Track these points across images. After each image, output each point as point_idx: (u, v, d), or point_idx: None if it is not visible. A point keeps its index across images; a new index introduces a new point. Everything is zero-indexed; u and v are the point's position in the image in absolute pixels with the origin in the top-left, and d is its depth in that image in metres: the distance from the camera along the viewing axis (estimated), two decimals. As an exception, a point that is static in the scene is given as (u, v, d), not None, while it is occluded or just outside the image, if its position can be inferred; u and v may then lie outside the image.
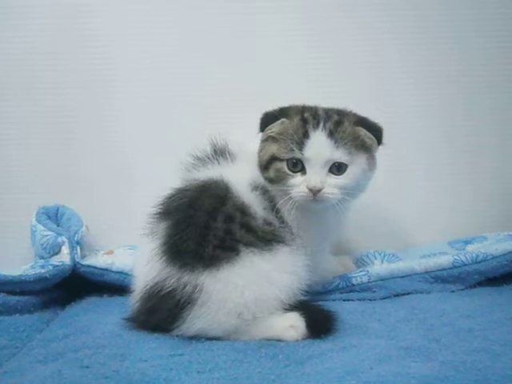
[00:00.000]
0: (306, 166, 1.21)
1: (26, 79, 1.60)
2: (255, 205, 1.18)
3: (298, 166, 1.21)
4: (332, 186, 1.20)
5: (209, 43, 1.61)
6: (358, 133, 1.23)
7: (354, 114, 1.27)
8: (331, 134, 1.20)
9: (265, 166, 1.24)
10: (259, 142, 1.28)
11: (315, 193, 1.19)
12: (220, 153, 1.25)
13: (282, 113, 1.25)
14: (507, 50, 1.65)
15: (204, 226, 1.13)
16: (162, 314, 1.12)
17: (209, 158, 1.24)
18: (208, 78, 1.61)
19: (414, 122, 1.65)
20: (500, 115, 1.66)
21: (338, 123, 1.22)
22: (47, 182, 1.61)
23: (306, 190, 1.19)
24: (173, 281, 1.11)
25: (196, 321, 1.10)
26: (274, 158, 1.23)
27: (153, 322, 1.14)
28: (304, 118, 1.23)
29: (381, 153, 1.54)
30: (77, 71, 1.60)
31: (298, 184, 1.21)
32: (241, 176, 1.21)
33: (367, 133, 1.24)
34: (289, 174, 1.21)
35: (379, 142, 1.26)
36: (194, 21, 1.61)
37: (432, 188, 1.67)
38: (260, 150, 1.27)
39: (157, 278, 1.13)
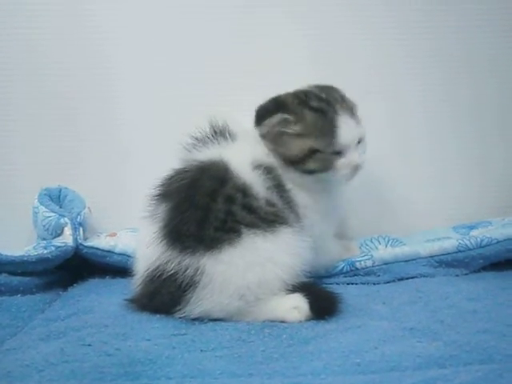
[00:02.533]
0: (344, 150, 1.24)
1: (28, 60, 1.59)
2: (257, 185, 1.16)
3: (335, 152, 1.24)
4: (361, 155, 1.26)
5: (210, 24, 1.59)
6: (351, 101, 1.28)
7: (332, 87, 1.30)
8: (351, 114, 1.25)
9: (301, 159, 1.23)
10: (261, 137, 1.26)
11: (358, 169, 1.25)
12: (220, 133, 1.24)
13: (278, 105, 1.25)
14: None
15: (204, 207, 1.12)
16: (163, 297, 1.12)
17: (209, 138, 1.23)
18: (208, 60, 1.60)
19: (419, 105, 1.64)
20: (507, 100, 1.64)
21: (344, 99, 1.27)
22: (50, 164, 1.59)
23: (349, 170, 1.24)
24: (174, 264, 1.10)
25: (198, 303, 1.09)
26: (314, 151, 1.23)
27: (155, 305, 1.13)
28: (318, 108, 1.24)
29: (387, 137, 1.55)
30: (79, 52, 1.58)
31: (341, 167, 1.24)
32: (241, 155, 1.20)
33: (350, 98, 1.29)
34: (332, 161, 1.24)
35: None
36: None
37: (436, 173, 1.66)
38: (280, 146, 1.24)
39: (158, 262, 1.12)
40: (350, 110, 1.25)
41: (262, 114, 1.25)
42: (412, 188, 1.65)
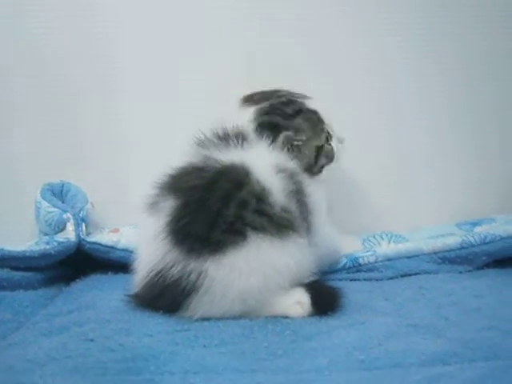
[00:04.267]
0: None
1: (30, 55, 1.58)
2: (277, 190, 1.13)
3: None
4: None
5: (212, 19, 1.60)
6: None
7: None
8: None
9: (315, 161, 1.30)
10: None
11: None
12: (243, 134, 1.21)
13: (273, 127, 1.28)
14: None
15: (216, 212, 1.08)
16: (166, 301, 1.10)
17: (231, 139, 1.19)
18: (211, 57, 1.60)
19: (419, 104, 1.64)
20: (507, 97, 1.64)
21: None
22: (52, 159, 1.59)
23: (340, 145, 1.36)
24: (178, 269, 1.07)
25: (200, 307, 1.08)
26: (320, 148, 1.31)
27: (156, 308, 1.12)
28: (298, 111, 1.31)
29: (387, 134, 1.54)
30: (81, 46, 1.59)
31: (336, 147, 1.34)
32: (264, 159, 1.17)
33: None
34: (333, 147, 1.33)
35: None
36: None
37: (438, 170, 1.65)
38: (295, 157, 1.26)
39: (161, 264, 1.09)
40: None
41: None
42: (413, 185, 1.66)
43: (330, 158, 1.33)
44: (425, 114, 1.64)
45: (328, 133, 1.32)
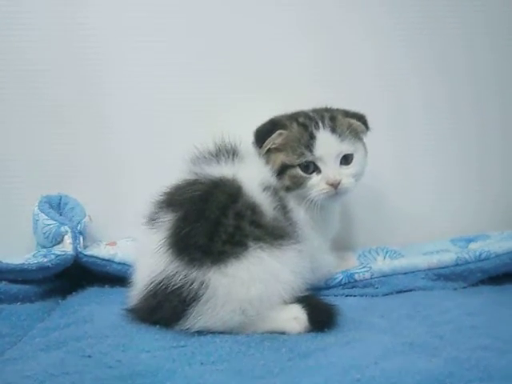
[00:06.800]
0: (319, 165, 1.26)
1: (22, 68, 1.58)
2: (266, 204, 1.18)
3: (310, 167, 1.27)
4: (347, 175, 1.27)
5: (211, 30, 1.60)
6: (351, 123, 1.31)
7: (338, 109, 1.35)
8: (333, 130, 1.27)
9: (277, 175, 1.27)
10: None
11: (336, 186, 1.25)
12: (231, 151, 1.24)
13: (275, 124, 1.30)
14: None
15: (215, 221, 1.11)
16: (165, 312, 1.11)
17: (222, 155, 1.23)
18: (208, 72, 1.60)
19: (420, 118, 1.65)
20: (509, 113, 1.65)
21: (333, 119, 1.30)
22: (50, 171, 1.59)
23: (327, 186, 1.25)
24: (180, 277, 1.09)
25: (199, 318, 1.09)
26: (285, 167, 1.27)
27: (155, 319, 1.13)
28: (302, 123, 1.29)
29: (386, 150, 1.55)
30: (75, 58, 1.59)
31: (317, 183, 1.26)
32: (252, 176, 1.21)
33: (356, 122, 1.32)
34: (306, 177, 1.26)
35: (367, 127, 1.34)
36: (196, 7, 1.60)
37: (435, 186, 1.67)
38: (267, 163, 1.28)
39: (163, 275, 1.11)
40: (336, 127, 1.28)
41: (262, 135, 1.30)
42: (410, 200, 1.66)
43: (295, 183, 1.27)
44: (424, 129, 1.65)
45: (313, 163, 1.27)
